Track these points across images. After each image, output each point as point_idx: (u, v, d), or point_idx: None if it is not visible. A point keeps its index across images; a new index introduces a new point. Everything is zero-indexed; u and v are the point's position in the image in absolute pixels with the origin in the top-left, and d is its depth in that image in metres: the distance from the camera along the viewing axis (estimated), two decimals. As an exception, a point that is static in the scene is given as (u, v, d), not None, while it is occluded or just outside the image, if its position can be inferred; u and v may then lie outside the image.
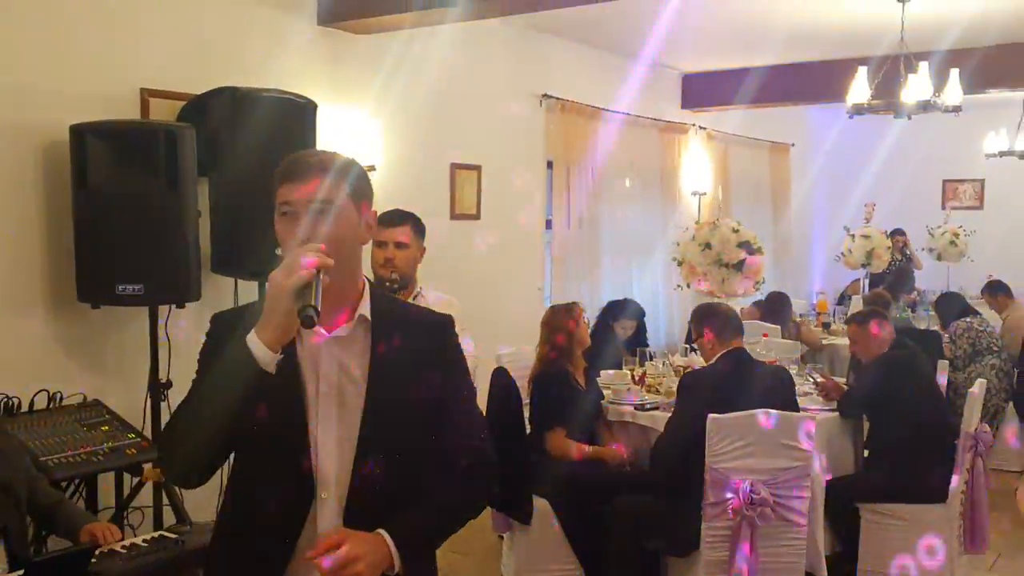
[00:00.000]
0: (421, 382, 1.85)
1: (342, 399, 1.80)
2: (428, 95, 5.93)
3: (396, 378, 1.81)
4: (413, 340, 1.87)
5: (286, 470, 1.77)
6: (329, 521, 1.77)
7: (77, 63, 4.13)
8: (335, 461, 1.79)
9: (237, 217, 4.17)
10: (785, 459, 3.59)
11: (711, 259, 4.91)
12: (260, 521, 1.80)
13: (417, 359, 1.85)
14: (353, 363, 1.82)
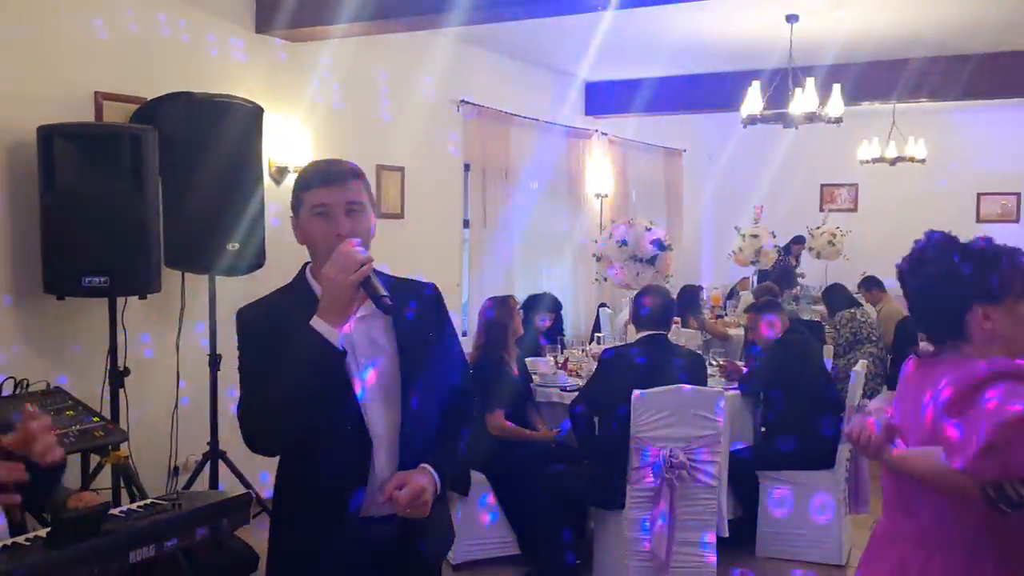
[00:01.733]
0: (431, 340, 2.22)
1: (381, 368, 2.14)
2: (355, 100, 6.24)
3: (416, 341, 2.17)
4: (418, 306, 2.23)
5: (346, 434, 2.09)
6: (383, 467, 2.12)
7: (35, 67, 4.31)
8: (382, 418, 2.13)
9: (190, 216, 4.42)
10: (700, 428, 4.08)
11: (627, 254, 5.40)
12: (325, 477, 2.11)
13: (425, 321, 2.22)
14: (380, 335, 2.16)
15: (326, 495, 2.11)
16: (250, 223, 4.65)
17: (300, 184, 2.17)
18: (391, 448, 2.13)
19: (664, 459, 4.01)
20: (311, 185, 2.13)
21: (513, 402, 4.83)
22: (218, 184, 4.49)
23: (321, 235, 2.10)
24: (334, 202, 2.09)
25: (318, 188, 2.11)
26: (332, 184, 2.10)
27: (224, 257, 4.55)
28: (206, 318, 4.78)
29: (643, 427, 4.04)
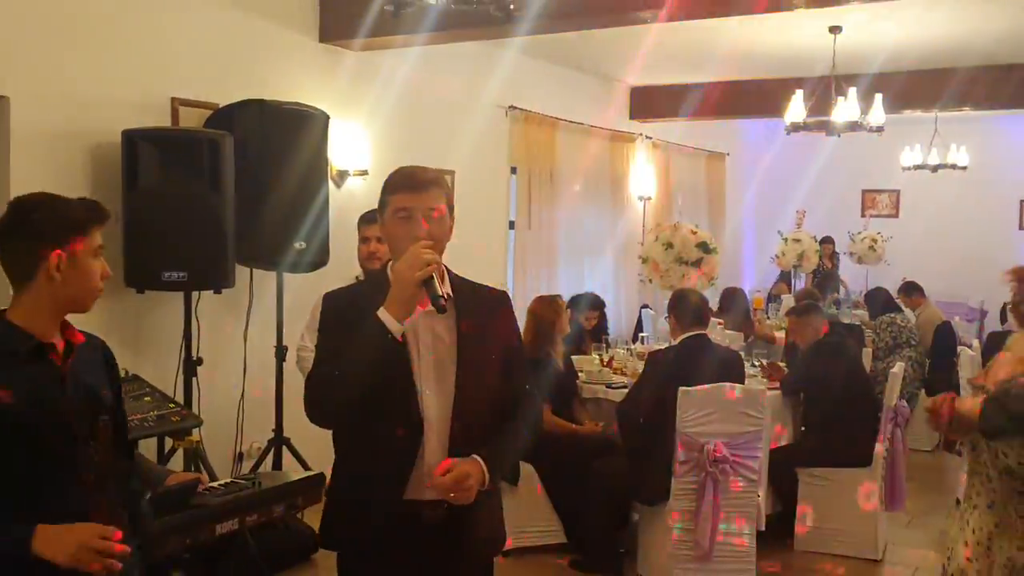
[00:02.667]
0: (493, 343, 2.40)
1: (439, 359, 2.32)
2: (410, 106, 6.47)
3: (477, 341, 2.34)
4: (485, 310, 2.43)
5: (400, 416, 2.28)
6: (433, 454, 2.28)
7: (117, 74, 4.60)
8: (436, 408, 2.30)
9: (261, 216, 4.69)
10: (743, 425, 4.27)
11: (672, 257, 5.59)
12: (381, 457, 2.30)
13: (489, 325, 2.41)
14: (444, 331, 2.34)
15: (378, 473, 2.29)
16: (315, 223, 4.92)
17: (387, 187, 2.36)
18: (442, 435, 2.29)
19: (708, 454, 4.19)
20: (397, 189, 2.32)
21: (560, 397, 5.04)
22: (287, 186, 4.77)
23: (401, 236, 2.29)
24: (415, 207, 2.28)
25: (402, 193, 2.31)
26: (415, 190, 2.29)
27: (291, 255, 4.83)
28: (273, 312, 5.05)
29: (688, 423, 4.23)
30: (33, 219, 2.05)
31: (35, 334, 2.06)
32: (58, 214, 2.06)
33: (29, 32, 4.23)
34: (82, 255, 2.07)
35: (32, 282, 2.05)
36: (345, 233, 5.41)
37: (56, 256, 2.03)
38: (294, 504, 3.33)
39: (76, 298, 2.10)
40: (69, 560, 1.93)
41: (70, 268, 2.05)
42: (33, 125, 4.26)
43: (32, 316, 2.07)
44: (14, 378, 2.00)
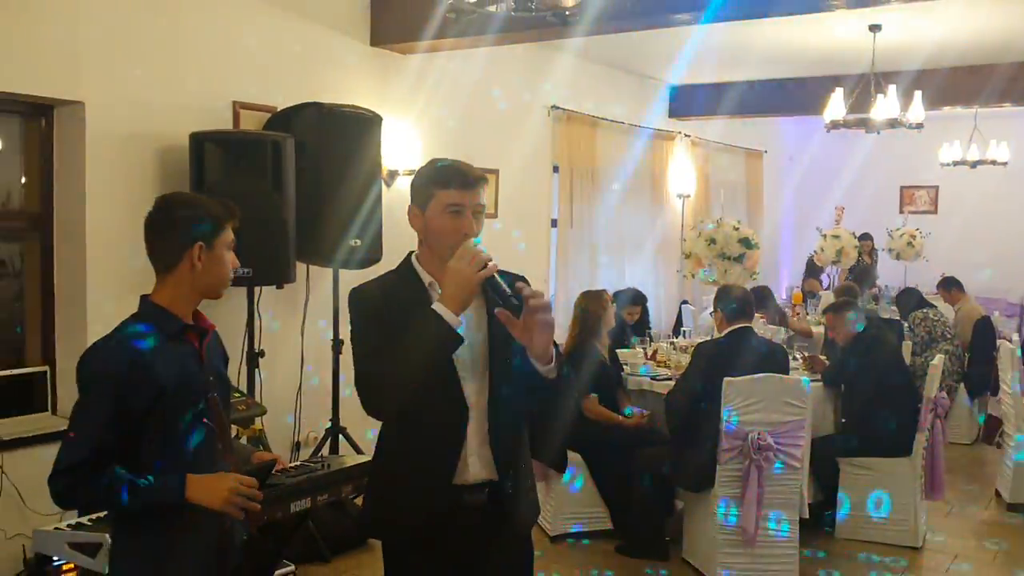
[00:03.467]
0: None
1: (474, 347, 2.38)
2: (456, 107, 6.65)
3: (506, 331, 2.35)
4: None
5: (447, 404, 2.36)
6: (473, 439, 2.37)
7: (182, 79, 4.83)
8: (474, 395, 2.39)
9: (318, 214, 4.90)
10: (786, 414, 4.40)
11: (715, 252, 5.73)
12: (429, 445, 2.36)
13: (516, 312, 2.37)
14: (476, 322, 2.40)
15: (426, 460, 2.36)
16: (368, 221, 5.11)
17: (435, 181, 2.35)
18: (480, 422, 2.38)
19: (752, 442, 4.33)
20: (449, 184, 2.34)
21: (605, 389, 5.20)
22: (342, 186, 4.97)
23: (449, 230, 2.32)
24: (466, 203, 2.33)
25: (455, 188, 2.33)
26: (467, 187, 2.34)
27: (346, 251, 5.02)
28: (329, 306, 5.26)
29: (734, 412, 4.37)
30: (179, 215, 2.28)
31: (180, 316, 2.30)
32: (200, 211, 2.29)
33: (102, 41, 4.46)
34: (219, 247, 2.29)
35: (175, 270, 2.28)
36: (396, 230, 5.60)
37: (198, 248, 2.26)
38: (361, 485, 3.51)
39: (212, 285, 2.32)
40: (222, 504, 2.20)
41: (208, 259, 2.27)
42: (106, 129, 4.49)
43: (174, 301, 2.30)
44: (166, 355, 2.24)
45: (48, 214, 4.56)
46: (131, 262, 4.55)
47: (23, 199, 4.62)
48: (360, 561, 4.76)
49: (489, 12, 3.15)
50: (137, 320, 2.31)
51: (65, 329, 4.56)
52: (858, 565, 4.89)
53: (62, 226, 4.55)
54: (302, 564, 4.47)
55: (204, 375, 2.34)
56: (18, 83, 4.23)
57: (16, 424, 4.31)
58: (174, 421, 2.25)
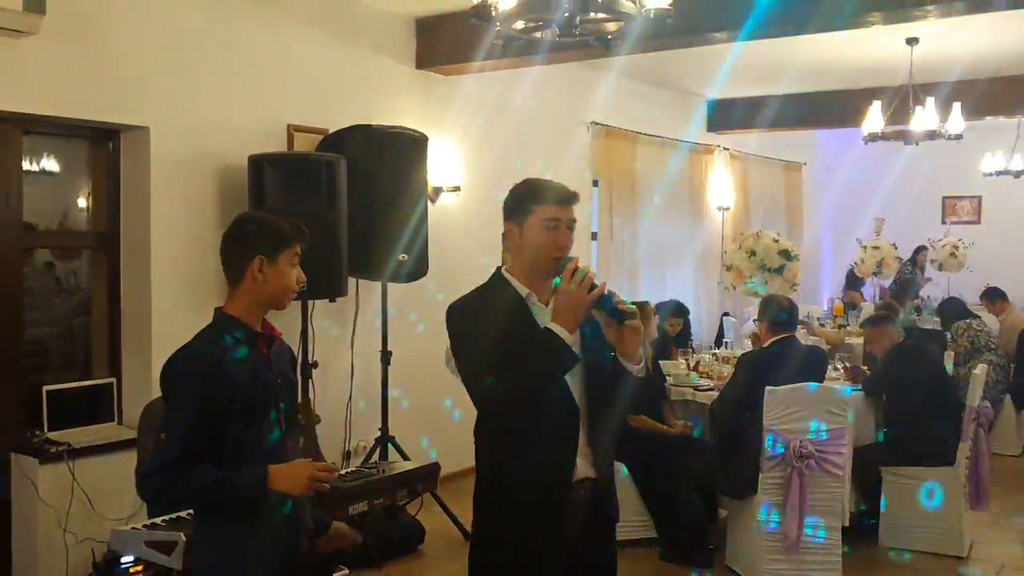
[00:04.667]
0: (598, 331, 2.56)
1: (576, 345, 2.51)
2: (498, 125, 6.81)
3: (598, 339, 2.55)
4: None
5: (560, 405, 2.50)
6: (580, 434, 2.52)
7: (240, 104, 5.05)
8: (577, 395, 2.52)
9: (368, 230, 5.08)
10: (827, 421, 4.49)
11: (756, 264, 5.83)
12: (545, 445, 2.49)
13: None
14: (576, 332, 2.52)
15: (544, 459, 2.50)
16: (415, 236, 5.29)
17: (533, 197, 2.53)
18: (583, 421, 2.53)
19: (794, 449, 4.42)
20: (548, 200, 2.52)
21: (649, 399, 5.31)
22: (390, 203, 5.16)
23: (545, 244, 2.49)
24: (564, 218, 2.51)
25: (552, 204, 2.51)
26: (563, 202, 2.52)
27: (394, 266, 5.21)
28: (377, 319, 5.44)
29: (775, 420, 4.47)
30: (247, 231, 2.48)
31: (248, 324, 2.48)
32: (266, 229, 2.47)
33: (166, 70, 4.70)
34: (282, 262, 2.46)
35: (242, 282, 2.46)
36: (440, 245, 5.80)
37: (259, 261, 2.44)
38: (414, 490, 3.70)
39: (275, 296, 2.50)
40: (303, 489, 2.40)
41: (271, 272, 2.44)
42: (170, 152, 4.73)
43: (243, 310, 2.48)
44: (239, 361, 2.42)
45: (115, 233, 4.80)
46: (193, 278, 4.78)
47: (92, 219, 4.86)
48: (410, 567, 4.91)
49: (535, 38, 3.30)
50: (212, 329, 2.50)
51: (131, 342, 4.78)
52: (901, 573, 4.95)
53: (128, 244, 4.78)
54: (355, 569, 4.62)
55: (273, 378, 2.52)
56: (87, 110, 4.47)
57: (84, 433, 4.53)
58: (249, 421, 2.43)
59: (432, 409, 5.87)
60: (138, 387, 4.69)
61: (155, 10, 4.67)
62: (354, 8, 5.72)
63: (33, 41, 4.13)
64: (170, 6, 4.73)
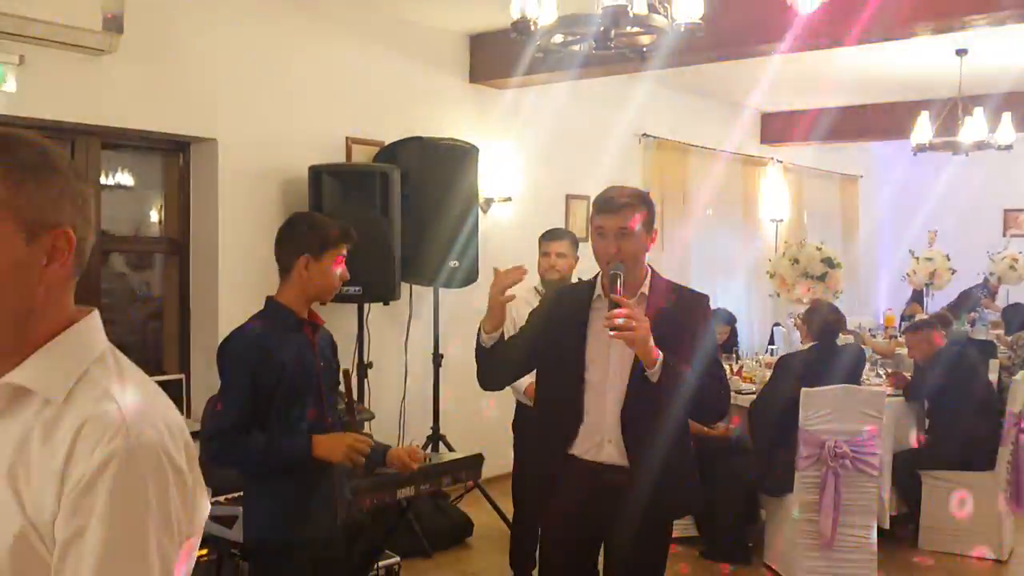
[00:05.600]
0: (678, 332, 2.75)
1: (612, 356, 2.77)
2: (549, 137, 7.01)
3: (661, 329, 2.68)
4: (675, 306, 2.81)
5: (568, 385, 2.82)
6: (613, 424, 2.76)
7: (302, 118, 5.36)
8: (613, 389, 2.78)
9: (421, 238, 5.33)
10: (862, 423, 4.60)
11: (799, 272, 5.94)
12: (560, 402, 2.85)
13: (675, 318, 2.77)
14: None
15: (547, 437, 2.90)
16: (467, 244, 5.53)
17: (592, 208, 2.83)
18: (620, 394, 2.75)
19: (829, 449, 4.54)
20: (597, 211, 2.77)
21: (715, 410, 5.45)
22: (443, 212, 5.40)
23: (598, 250, 2.76)
24: (608, 227, 2.71)
25: (598, 214, 2.76)
26: (608, 212, 2.72)
27: (446, 272, 5.45)
28: (430, 323, 5.68)
29: (810, 421, 4.59)
30: (297, 230, 2.75)
31: (295, 312, 2.74)
32: (314, 229, 2.74)
33: (233, 85, 5.02)
34: (326, 260, 2.72)
35: (290, 275, 2.73)
36: (491, 253, 6.02)
37: (305, 259, 2.69)
38: (458, 477, 3.89)
39: (319, 291, 2.78)
40: (343, 456, 2.69)
41: (316, 269, 2.71)
42: (236, 162, 5.04)
43: (291, 300, 2.78)
44: (286, 343, 2.70)
45: (185, 239, 5.14)
46: (257, 281, 5.06)
47: (164, 227, 5.20)
48: (459, 556, 5.13)
49: (573, 51, 3.52)
50: (262, 314, 2.81)
51: (199, 341, 5.10)
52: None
53: (198, 250, 5.11)
54: (406, 558, 4.85)
55: (316, 360, 2.80)
56: (160, 123, 4.81)
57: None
58: (293, 396, 2.71)
59: (480, 411, 6.08)
60: (206, 383, 4.99)
61: (223, 29, 5.00)
62: (410, 26, 6.00)
63: (111, 59, 4.47)
64: (237, 25, 5.06)
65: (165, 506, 1.12)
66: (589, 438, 2.82)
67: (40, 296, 1.18)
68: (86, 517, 1.07)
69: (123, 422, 1.11)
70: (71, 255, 1.19)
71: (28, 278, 1.16)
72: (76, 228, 1.19)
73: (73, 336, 1.21)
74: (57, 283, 1.19)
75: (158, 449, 1.13)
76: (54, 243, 1.17)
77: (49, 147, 1.20)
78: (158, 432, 1.13)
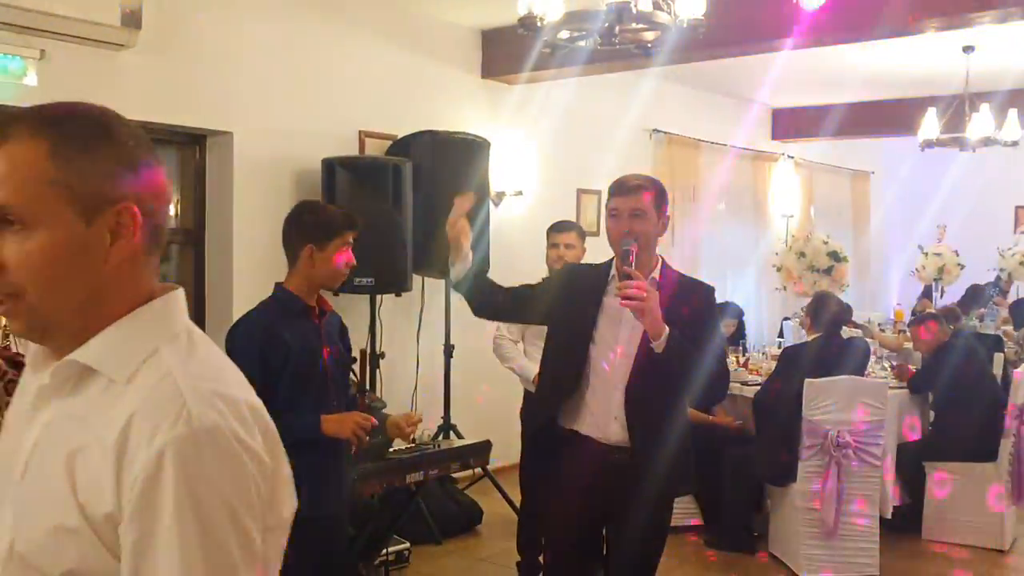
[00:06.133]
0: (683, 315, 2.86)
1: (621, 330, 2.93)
2: (560, 132, 7.11)
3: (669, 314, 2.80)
4: (682, 294, 2.96)
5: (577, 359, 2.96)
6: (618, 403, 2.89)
7: (316, 111, 5.46)
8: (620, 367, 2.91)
9: (433, 230, 5.42)
10: (864, 414, 4.67)
11: (805, 265, 6.01)
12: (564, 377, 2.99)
13: (681, 304, 2.90)
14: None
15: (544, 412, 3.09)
16: (478, 237, 5.56)
17: (608, 194, 2.98)
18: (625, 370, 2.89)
19: (832, 439, 4.62)
20: (611, 194, 2.95)
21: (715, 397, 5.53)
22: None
23: (611, 231, 2.93)
24: (621, 208, 2.89)
25: (613, 196, 2.94)
26: (622, 194, 2.91)
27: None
28: (441, 314, 5.78)
29: (813, 411, 4.67)
30: (303, 220, 2.85)
31: (302, 298, 2.81)
32: (319, 218, 2.85)
33: (248, 79, 5.13)
34: (331, 249, 2.82)
35: (297, 263, 2.83)
36: (503, 246, 6.12)
37: (309, 248, 2.79)
38: (467, 463, 4.00)
39: (325, 279, 2.89)
40: (349, 433, 2.80)
41: (320, 258, 2.81)
42: (251, 155, 5.15)
43: (298, 287, 2.90)
44: (293, 327, 2.79)
45: (201, 230, 5.25)
46: (271, 268, 5.15)
47: (180, 217, 5.31)
48: (468, 543, 5.23)
49: (579, 47, 3.61)
50: (270, 300, 2.93)
51: (214, 328, 5.19)
52: (943, 565, 5.07)
53: (213, 240, 5.22)
54: (416, 544, 4.96)
55: (322, 344, 2.91)
56: (177, 116, 4.92)
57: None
58: (300, 378, 2.82)
59: (491, 401, 6.18)
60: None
61: (239, 25, 5.10)
62: (423, 21, 6.10)
63: (130, 54, 4.58)
64: (252, 21, 5.16)
65: (244, 495, 1.03)
66: (595, 414, 2.94)
67: (109, 275, 1.09)
68: (152, 518, 0.98)
69: (183, 405, 1.02)
70: (137, 230, 1.10)
71: (92, 260, 1.08)
72: (141, 201, 1.10)
73: (145, 314, 1.12)
74: (128, 260, 1.11)
75: (225, 432, 1.03)
76: (118, 219, 1.08)
77: (105, 115, 1.11)
78: (221, 414, 1.03)
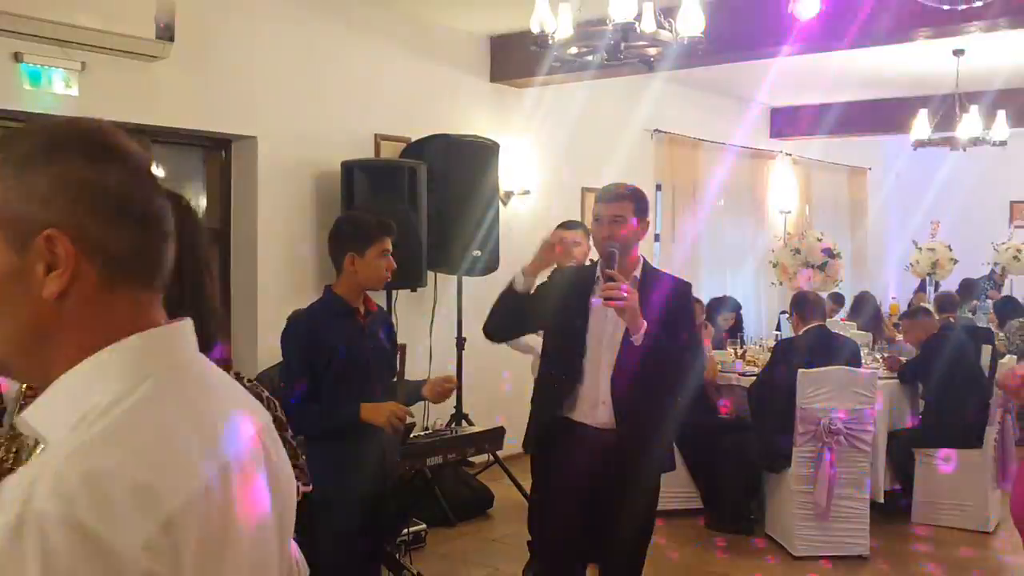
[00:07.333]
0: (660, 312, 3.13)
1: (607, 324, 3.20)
2: (565, 133, 7.38)
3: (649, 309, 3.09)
4: (661, 292, 3.22)
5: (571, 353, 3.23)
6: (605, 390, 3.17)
7: (334, 116, 5.73)
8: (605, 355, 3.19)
9: (445, 229, 5.71)
10: (855, 402, 4.95)
11: (800, 262, 6.29)
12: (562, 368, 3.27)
13: (660, 299, 3.16)
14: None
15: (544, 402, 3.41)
16: (488, 235, 5.90)
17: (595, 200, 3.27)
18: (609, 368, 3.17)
19: (824, 427, 4.90)
20: (596, 200, 3.25)
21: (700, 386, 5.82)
22: (465, 205, 5.78)
23: (594, 235, 3.24)
24: (603, 214, 3.17)
25: (597, 203, 3.24)
26: (604, 201, 3.20)
27: (469, 261, 5.82)
28: (453, 308, 6.06)
29: (806, 399, 4.95)
30: (342, 231, 3.13)
31: (348, 301, 3.11)
32: (356, 227, 3.13)
33: (271, 85, 5.41)
34: (370, 255, 3.10)
35: (342, 270, 3.12)
36: (510, 243, 6.39)
37: (350, 256, 3.07)
38: (481, 448, 4.29)
39: (368, 282, 3.17)
40: (384, 422, 3.04)
41: (361, 264, 3.09)
42: (274, 159, 5.43)
43: (344, 291, 3.18)
44: (340, 328, 3.08)
45: (226, 230, 5.53)
46: (293, 265, 5.48)
47: (206, 217, 5.58)
48: (480, 526, 5.52)
49: (587, 60, 3.88)
50: (318, 302, 3.23)
51: (240, 324, 5.49)
52: (931, 546, 5.35)
53: (238, 239, 5.50)
54: (432, 526, 5.24)
55: (366, 342, 3.18)
56: (203, 121, 5.20)
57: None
58: (342, 373, 3.09)
59: (501, 392, 6.46)
60: (247, 358, 5.38)
61: (263, 36, 5.38)
62: (434, 29, 6.37)
63: (163, 65, 4.86)
64: (276, 32, 5.44)
65: None
66: (586, 401, 3.23)
67: (52, 312, 0.93)
68: None
69: (32, 483, 0.83)
70: (71, 260, 0.92)
71: (28, 294, 0.93)
72: (81, 227, 0.92)
73: (90, 366, 0.94)
74: (79, 296, 0.93)
75: (59, 524, 0.81)
76: (49, 247, 0.91)
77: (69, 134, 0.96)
78: (66, 500, 0.81)
